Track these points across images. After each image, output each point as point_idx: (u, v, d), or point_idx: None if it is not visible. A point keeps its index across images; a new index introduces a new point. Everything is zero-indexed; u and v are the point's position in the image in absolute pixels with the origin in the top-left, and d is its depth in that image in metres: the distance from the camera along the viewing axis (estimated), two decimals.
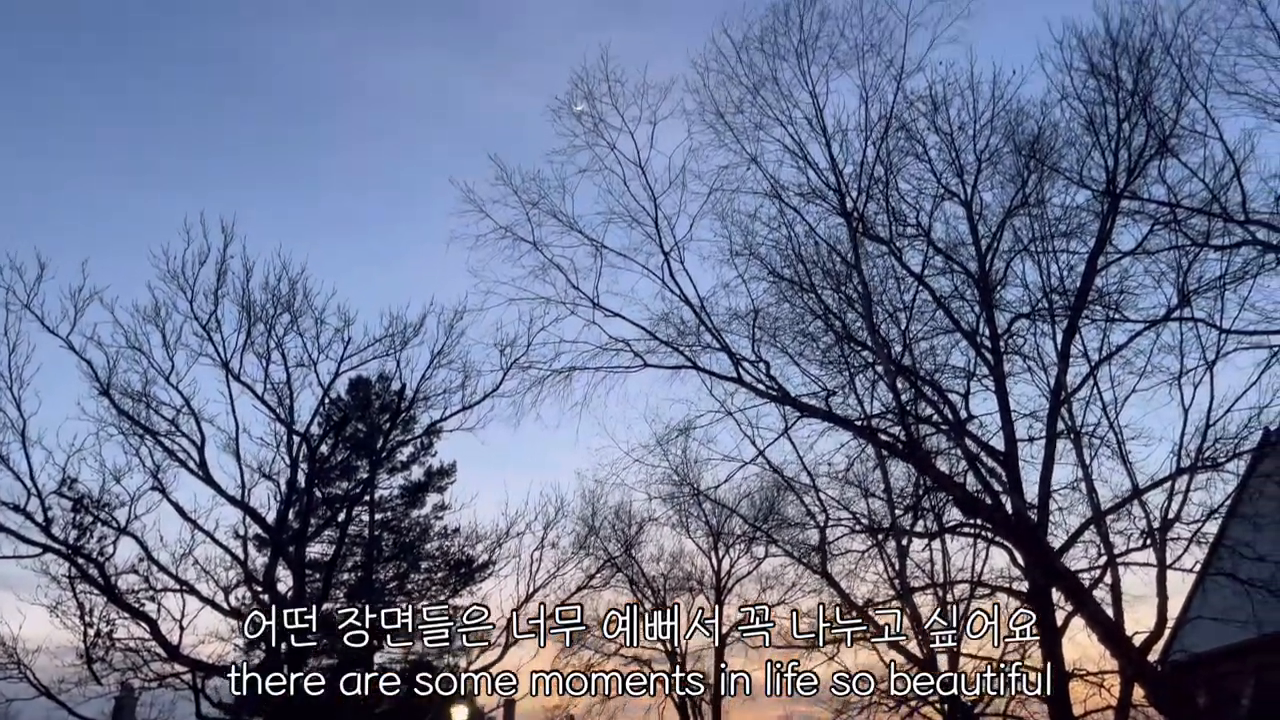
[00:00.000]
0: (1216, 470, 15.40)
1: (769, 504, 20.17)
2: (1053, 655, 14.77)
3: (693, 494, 21.28)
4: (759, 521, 20.45)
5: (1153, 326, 15.70)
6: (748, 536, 21.80)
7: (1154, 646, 14.83)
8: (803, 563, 19.89)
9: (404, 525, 28.89)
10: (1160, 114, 15.07)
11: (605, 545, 28.47)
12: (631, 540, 28.01)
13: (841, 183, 16.47)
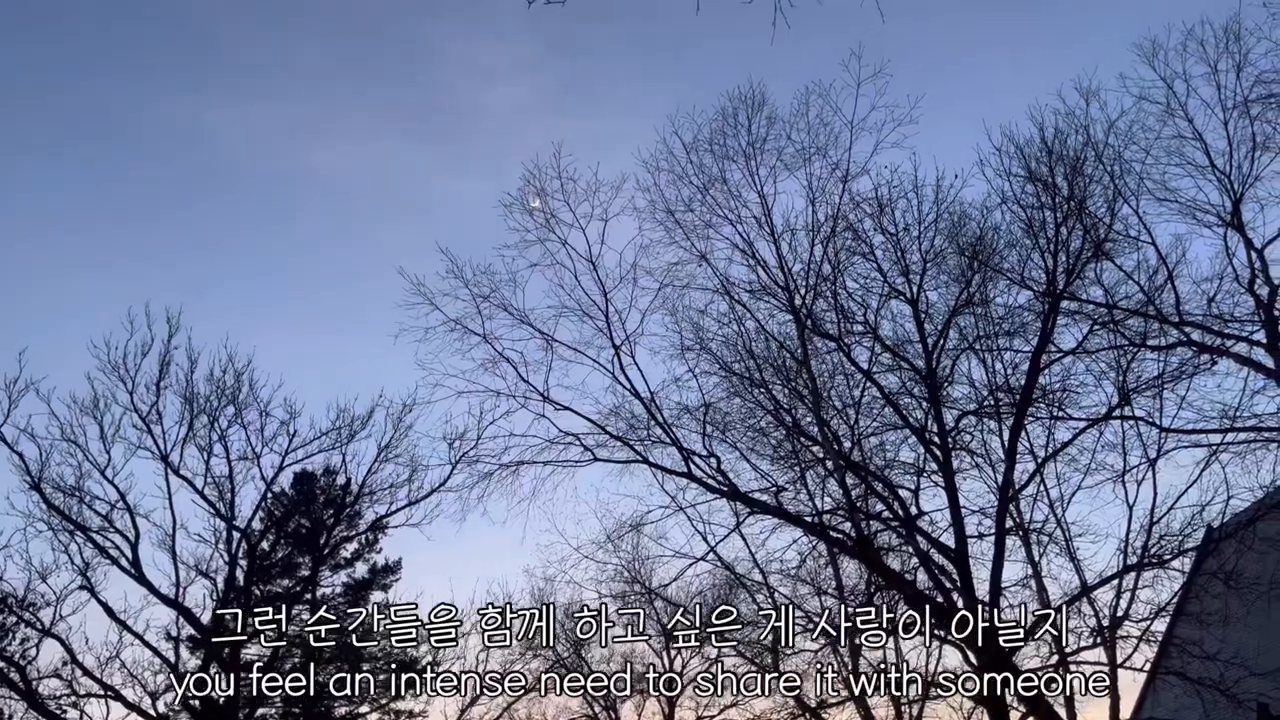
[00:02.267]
0: (1163, 568, 15.55)
1: (721, 602, 19.85)
2: None
3: (644, 592, 20.90)
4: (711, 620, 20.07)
5: (1095, 424, 16.00)
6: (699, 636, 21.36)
7: None
8: (754, 663, 19.50)
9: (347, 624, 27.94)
10: (1095, 219, 15.66)
11: (554, 646, 27.74)
12: (581, 640, 27.30)
13: (790, 280, 16.78)
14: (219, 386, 19.08)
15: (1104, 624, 15.19)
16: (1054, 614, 15.31)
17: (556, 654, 27.18)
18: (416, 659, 26.07)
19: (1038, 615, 15.82)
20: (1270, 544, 14.99)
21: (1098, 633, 15.21)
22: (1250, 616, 15.82)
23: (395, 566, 28.28)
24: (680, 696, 26.75)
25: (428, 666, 26.28)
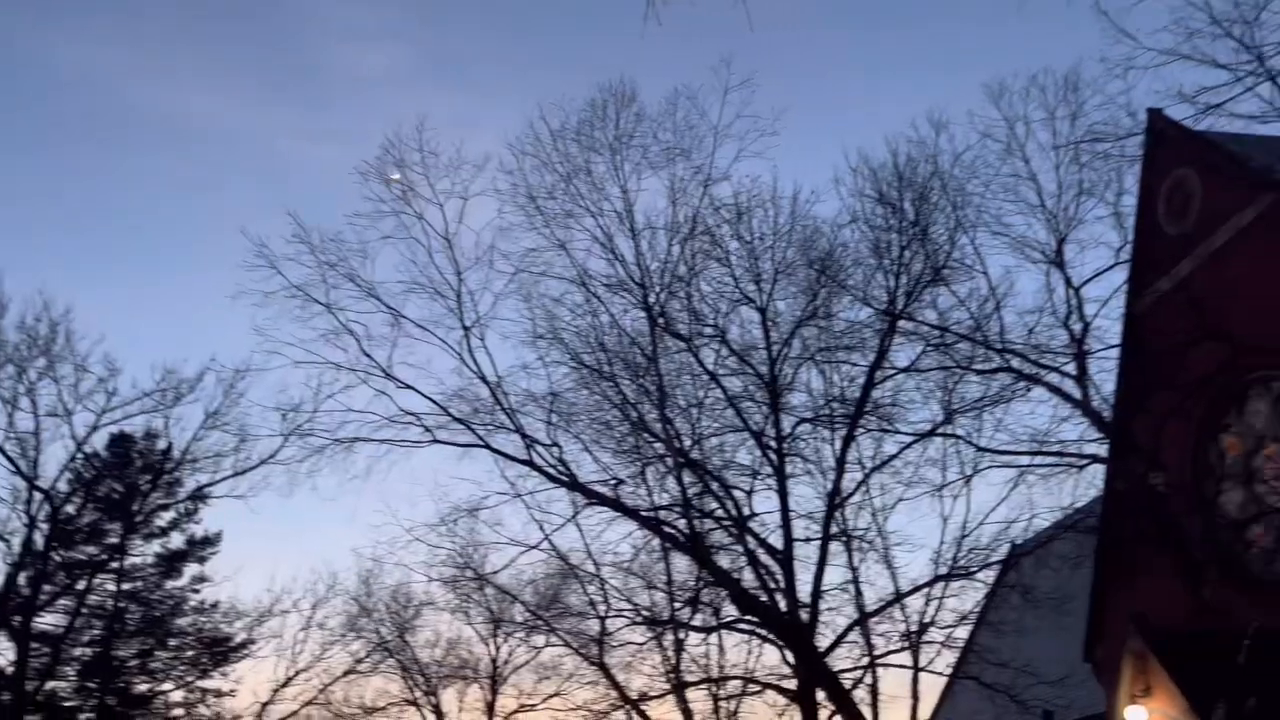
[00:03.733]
0: (969, 579, 16.50)
1: (553, 592, 19.89)
2: None
3: (475, 578, 20.70)
4: (541, 609, 20.08)
5: (920, 440, 16.82)
6: (528, 625, 21.33)
7: None
8: (580, 653, 19.61)
9: (155, 597, 26.44)
10: (936, 245, 16.51)
11: (378, 628, 27.13)
12: (406, 624, 26.81)
13: (646, 278, 16.95)
14: (30, 335, 17.70)
15: (912, 630, 16.02)
16: (867, 618, 16.06)
17: (380, 636, 26.63)
18: (229, 636, 24.99)
19: (853, 618, 16.64)
20: (1064, 561, 16.14)
21: (906, 637, 16.02)
22: (1042, 628, 17.00)
23: (214, 539, 26.98)
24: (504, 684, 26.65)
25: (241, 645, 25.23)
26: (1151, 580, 14.56)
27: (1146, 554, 13.89)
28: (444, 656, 27.55)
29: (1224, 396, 15.25)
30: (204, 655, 25.33)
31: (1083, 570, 16.80)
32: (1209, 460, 15.78)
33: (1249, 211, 14.74)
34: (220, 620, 25.51)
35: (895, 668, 16.49)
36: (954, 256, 16.17)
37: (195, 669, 25.15)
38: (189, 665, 25.30)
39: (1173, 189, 16.37)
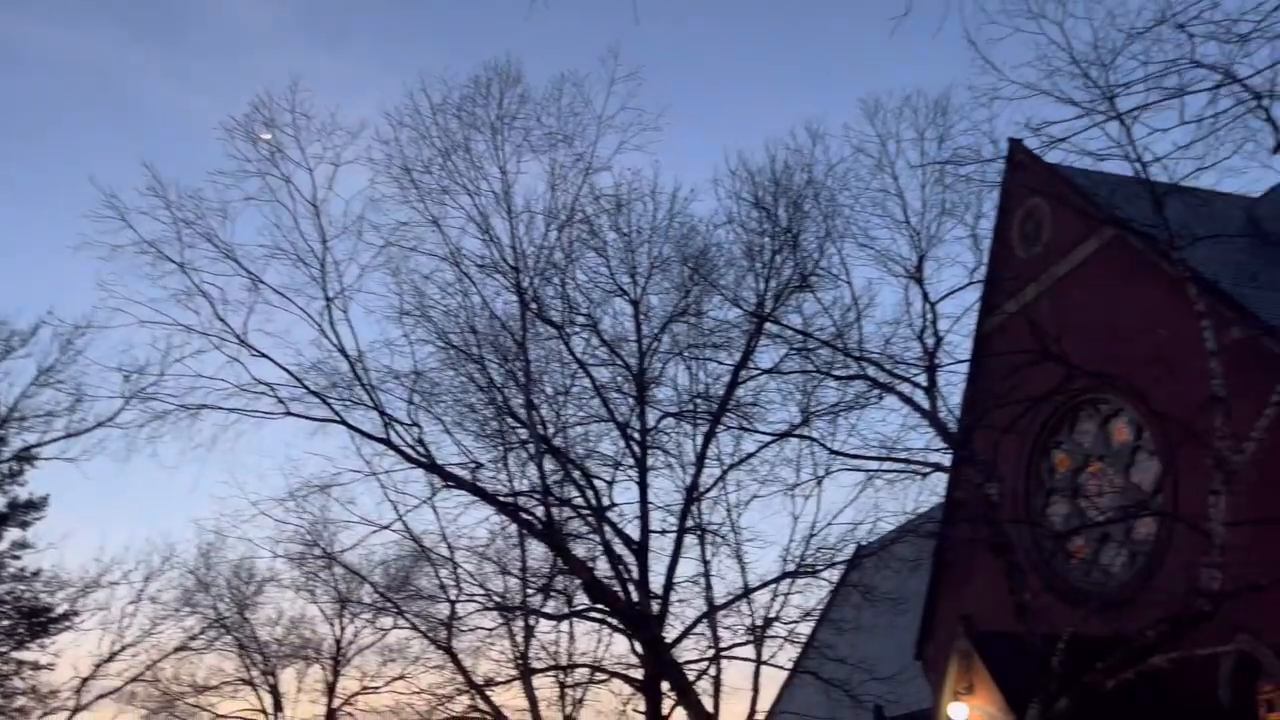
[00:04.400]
0: (814, 576, 17.04)
1: (404, 574, 19.52)
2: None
3: (323, 556, 20.13)
4: (391, 591, 19.69)
5: (778, 440, 17.26)
6: (376, 606, 20.88)
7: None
8: (428, 637, 19.33)
9: None
10: (806, 253, 16.95)
11: (216, 604, 26.08)
12: (247, 600, 25.85)
13: (521, 262, 16.81)
14: None
15: (757, 624, 16.46)
16: (716, 611, 16.41)
17: (217, 612, 25.59)
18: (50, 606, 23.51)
19: (702, 611, 16.98)
20: (904, 563, 16.90)
21: (751, 631, 16.45)
22: (879, 626, 17.76)
23: (40, 503, 25.25)
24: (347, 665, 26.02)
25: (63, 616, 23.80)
26: (981, 585, 15.41)
27: (978, 560, 14.67)
28: (285, 636, 26.73)
29: (1057, 416, 16.29)
30: (21, 625, 23.73)
31: (920, 573, 17.64)
32: (1040, 474, 16.83)
33: (1091, 243, 15.78)
34: (41, 589, 23.96)
35: (739, 660, 16.92)
36: (822, 265, 16.64)
37: (11, 639, 23.54)
38: (4, 635, 23.68)
39: (1026, 217, 17.36)
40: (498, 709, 17.21)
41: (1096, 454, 15.98)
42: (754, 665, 16.19)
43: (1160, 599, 11.71)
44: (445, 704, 18.66)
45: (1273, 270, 14.58)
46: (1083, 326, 15.00)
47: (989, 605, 14.56)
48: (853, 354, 14.27)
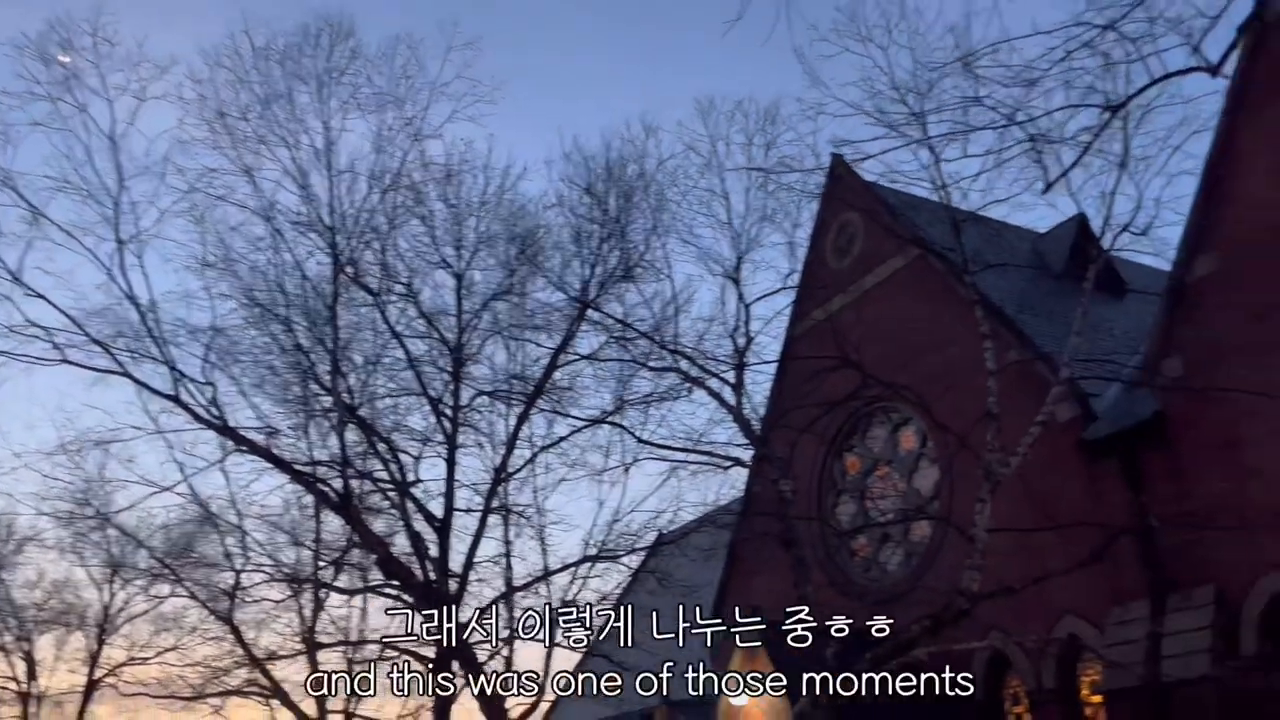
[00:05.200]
0: (615, 561, 17.32)
1: (186, 540, 18.46)
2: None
3: (96, 516, 18.75)
4: (170, 557, 18.57)
5: (590, 426, 17.42)
6: (152, 572, 19.64)
7: (530, 718, 15.95)
8: (208, 607, 18.38)
9: None
10: (632, 244, 17.15)
11: None
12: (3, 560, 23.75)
13: (339, 223, 16.20)
14: None
15: (554, 606, 16.58)
16: (514, 592, 16.42)
17: None
18: None
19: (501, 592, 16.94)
20: (701, 552, 17.43)
21: (548, 613, 16.53)
22: (671, 613, 18.22)
23: None
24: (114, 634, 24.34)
25: None
26: (770, 577, 16.11)
27: (769, 553, 15.31)
28: (45, 600, 24.75)
29: (852, 421, 17.22)
30: None
31: (715, 562, 18.25)
32: (833, 475, 17.74)
33: (896, 260, 16.73)
34: None
35: (534, 641, 16.98)
36: (646, 257, 16.90)
37: None
38: None
39: (840, 229, 18.21)
40: (278, 684, 16.59)
41: (885, 459, 16.99)
42: (547, 647, 16.29)
43: (929, 596, 12.59)
44: (221, 677, 17.82)
45: (1051, 301, 15.92)
46: (882, 338, 15.89)
47: (776, 596, 15.23)
48: (668, 347, 14.58)
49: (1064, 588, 12.36)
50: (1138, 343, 13.99)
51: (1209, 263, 12.15)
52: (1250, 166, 11.90)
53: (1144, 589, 11.91)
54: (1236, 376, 10.78)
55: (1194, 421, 11.82)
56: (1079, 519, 11.45)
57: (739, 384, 13.54)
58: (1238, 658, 10.62)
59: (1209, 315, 11.85)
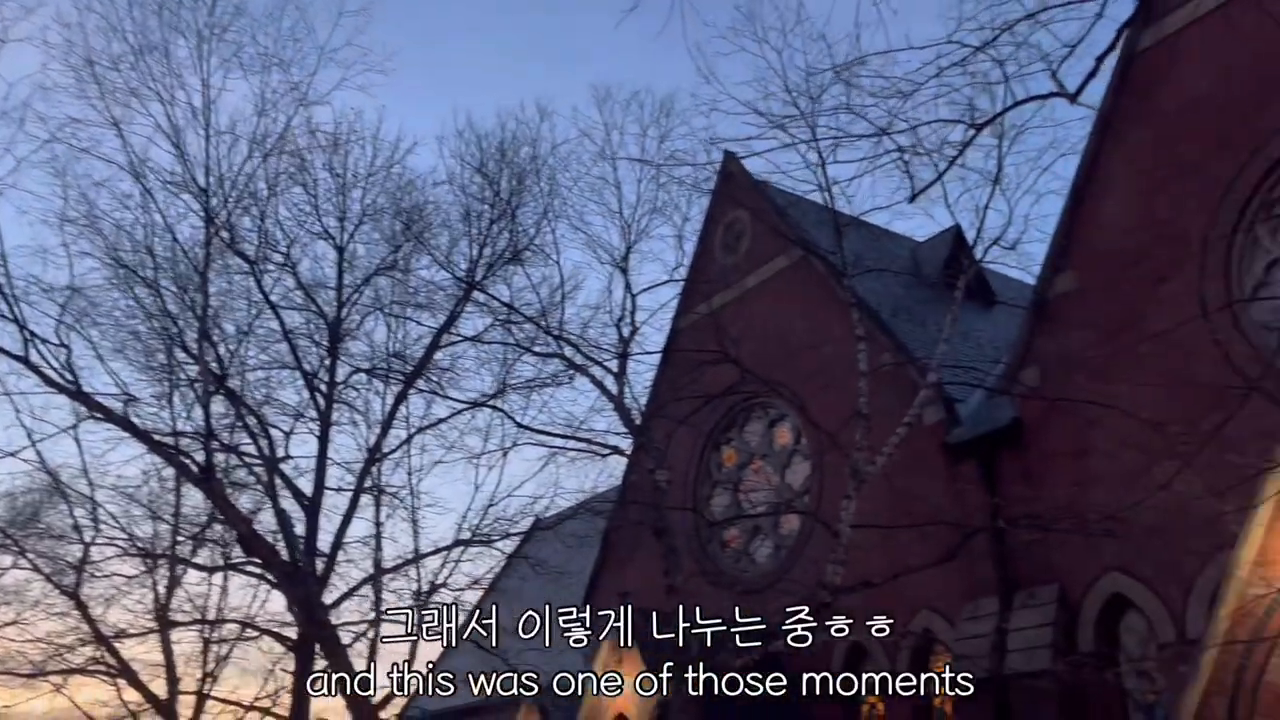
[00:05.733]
0: (489, 546, 17.18)
1: (32, 509, 17.44)
2: (299, 702, 14.86)
3: None
4: (13, 526, 17.51)
5: (470, 409, 17.22)
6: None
7: (391, 703, 15.71)
8: (52, 581, 17.42)
9: None
10: (522, 228, 17.01)
11: None
12: None
13: (216, 186, 15.55)
14: None
15: (424, 589, 16.36)
16: (383, 574, 16.13)
17: None
18: None
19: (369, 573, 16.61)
20: (576, 539, 17.47)
21: (417, 596, 16.32)
22: (542, 598, 18.22)
23: None
24: None
25: None
26: (642, 565, 16.26)
27: (642, 542, 15.45)
28: None
29: (731, 415, 17.51)
30: None
31: (589, 550, 18.32)
32: (710, 467, 18.01)
33: (781, 260, 17.07)
34: None
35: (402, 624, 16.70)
36: (536, 241, 16.78)
37: None
38: None
39: (729, 226, 18.47)
40: (125, 663, 15.87)
41: (760, 453, 17.34)
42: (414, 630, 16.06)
43: (795, 589, 12.92)
44: (64, 654, 16.94)
45: (924, 308, 16.50)
46: (763, 335, 16.20)
47: (646, 585, 15.39)
48: (553, 333, 14.52)
49: (922, 583, 12.88)
50: (1002, 352, 14.65)
51: (1069, 280, 12.80)
52: (1112, 191, 12.58)
53: (994, 586, 12.49)
54: (1086, 389, 11.40)
55: (1047, 429, 12.46)
56: (939, 518, 11.93)
57: (622, 373, 13.59)
58: (1076, 653, 11.25)
59: (1066, 330, 12.49)
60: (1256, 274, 11.15)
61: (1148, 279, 11.84)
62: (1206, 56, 11.81)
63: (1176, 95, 12.09)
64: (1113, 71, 12.79)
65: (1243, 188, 11.20)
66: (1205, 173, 11.52)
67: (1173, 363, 11.03)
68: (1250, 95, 11.15)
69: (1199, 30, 11.93)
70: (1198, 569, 10.42)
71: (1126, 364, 11.48)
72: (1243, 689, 8.49)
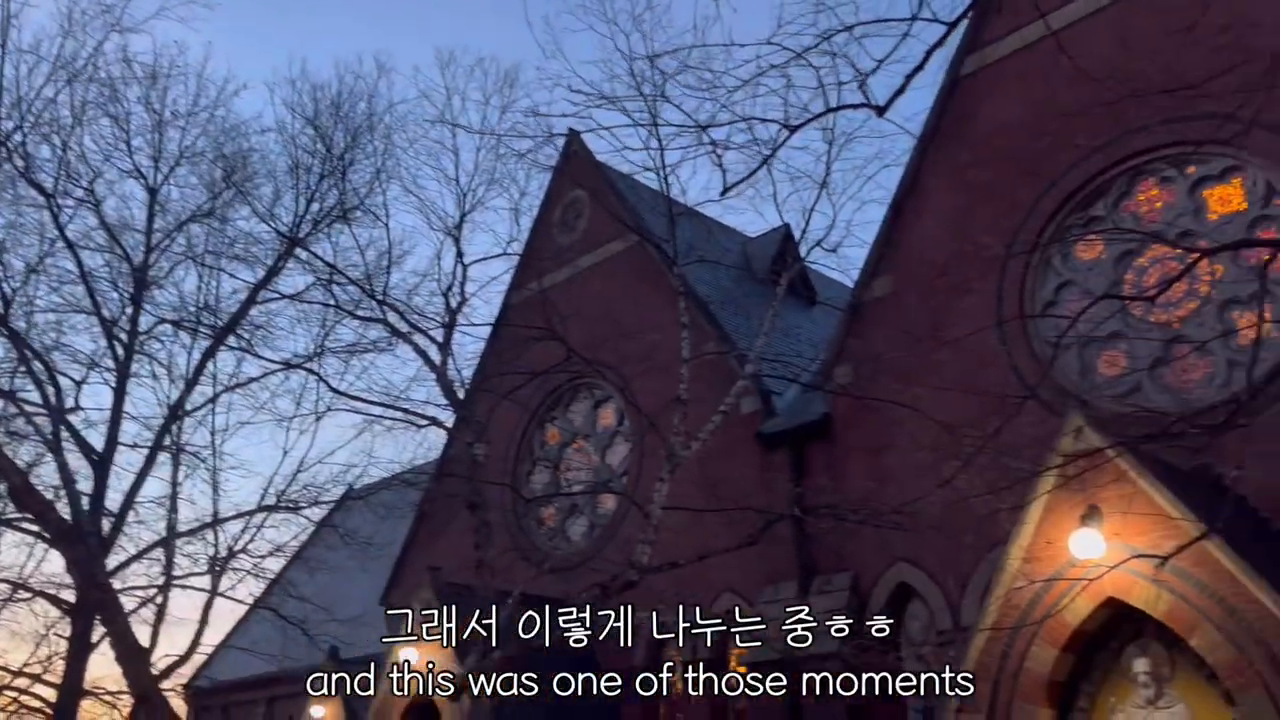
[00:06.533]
0: (295, 513, 16.53)
1: None
2: (73, 669, 13.91)
3: None
4: None
5: (284, 370, 16.49)
6: None
7: (178, 670, 14.97)
8: None
9: None
10: (353, 187, 16.38)
11: None
12: None
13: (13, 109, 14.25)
14: None
15: (221, 555, 15.61)
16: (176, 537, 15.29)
17: None
18: None
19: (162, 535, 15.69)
20: (389, 510, 17.07)
21: (213, 561, 15.55)
22: (350, 569, 17.77)
23: None
24: None
25: None
26: (454, 538, 16.08)
27: (458, 516, 15.25)
28: None
29: (558, 394, 17.53)
30: None
31: (401, 521, 17.96)
32: (532, 445, 17.98)
33: (617, 244, 17.20)
34: None
35: (195, 590, 15.93)
36: (367, 202, 16.21)
37: None
38: None
39: (569, 205, 18.45)
40: None
41: (584, 433, 17.46)
42: (208, 596, 15.33)
43: (606, 567, 13.09)
44: None
45: (751, 302, 17.01)
46: (593, 317, 16.27)
47: (459, 558, 15.23)
48: (377, 297, 14.07)
49: (728, 566, 13.32)
50: (820, 350, 15.29)
51: (884, 285, 13.48)
52: (929, 205, 13.32)
53: (794, 572, 13.06)
54: (890, 390, 12.05)
55: (854, 425, 13.11)
56: (747, 504, 12.35)
57: (447, 343, 13.33)
58: (863, 638, 11.90)
59: (877, 333, 13.16)
60: (1047, 293, 12.07)
61: (954, 290, 12.61)
62: (1020, 89, 12.66)
63: (991, 121, 12.91)
64: (937, 93, 13.53)
65: (1041, 214, 12.09)
66: (1010, 197, 12.36)
67: (967, 369, 11.81)
68: (1054, 130, 12.04)
69: (1015, 63, 12.78)
70: (974, 563, 11.23)
71: (927, 368, 12.20)
72: (1005, 674, 9.20)
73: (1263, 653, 7.83)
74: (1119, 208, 11.73)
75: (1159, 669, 8.76)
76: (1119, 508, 8.56)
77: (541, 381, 15.38)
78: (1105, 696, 9.07)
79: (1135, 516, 8.44)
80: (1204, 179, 11.23)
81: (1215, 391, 10.36)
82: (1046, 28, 11.31)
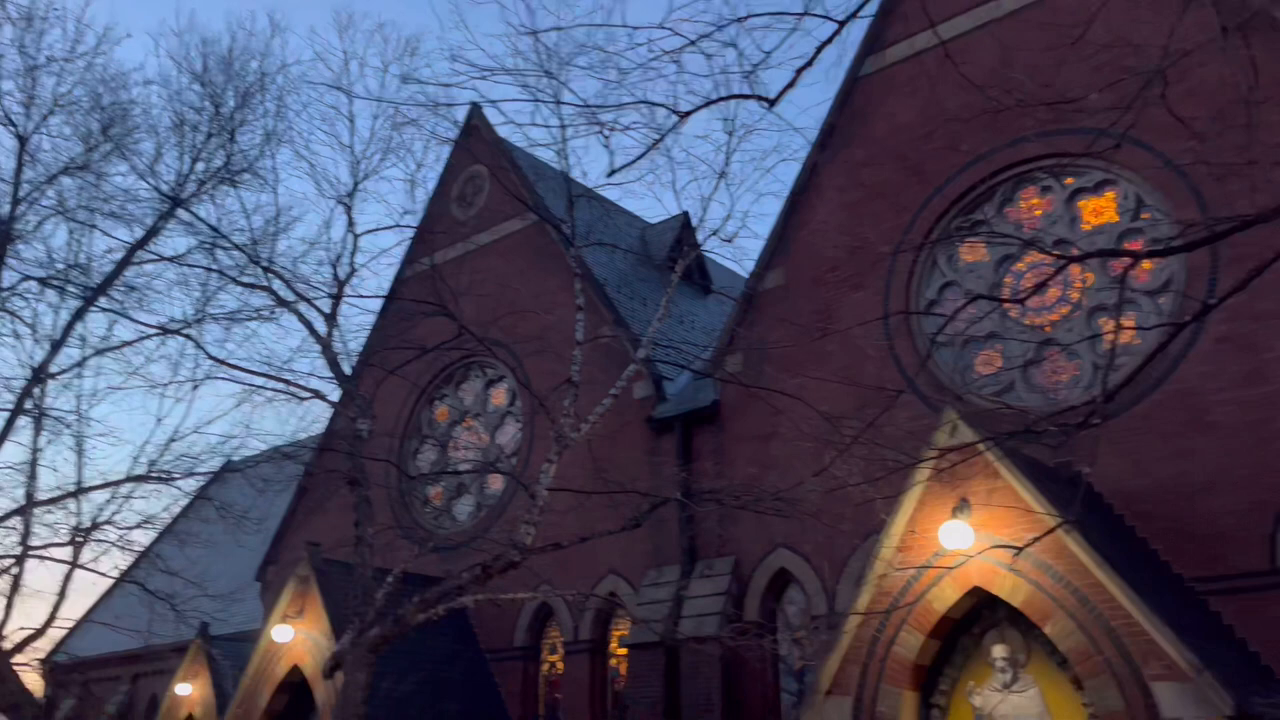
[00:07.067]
0: (167, 484, 15.85)
1: None
2: None
3: None
4: None
5: (161, 335, 15.77)
6: None
7: (34, 644, 14.22)
8: None
9: None
10: (242, 149, 15.74)
11: None
12: None
13: None
14: None
15: (84, 525, 14.87)
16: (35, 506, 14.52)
17: None
18: None
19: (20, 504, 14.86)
20: (267, 484, 16.52)
21: (75, 532, 14.80)
22: (224, 543, 17.19)
23: None
24: None
25: None
26: (335, 515, 15.74)
27: (337, 491, 14.92)
28: None
29: (448, 371, 17.29)
30: None
31: (280, 495, 17.44)
32: (419, 422, 17.70)
33: (515, 222, 17.04)
34: None
35: (53, 561, 15.13)
36: (255, 164, 15.60)
37: None
38: None
39: (468, 180, 18.17)
40: None
41: (474, 412, 17.27)
42: (68, 568, 14.59)
43: (491, 548, 12.99)
44: None
45: (647, 287, 17.09)
46: (489, 295, 16.10)
47: (337, 535, 14.91)
48: (262, 264, 13.59)
49: (613, 549, 13.41)
50: (713, 338, 15.47)
51: (777, 277, 13.72)
52: (824, 201, 13.59)
53: (678, 556, 13.22)
54: (778, 380, 12.28)
55: (742, 413, 13.32)
56: (634, 488, 12.43)
57: (333, 314, 12.97)
58: (741, 622, 12.14)
59: (769, 323, 13.39)
60: (932, 293, 12.47)
61: (843, 285, 12.92)
62: (913, 93, 13.01)
63: (886, 122, 13.24)
64: (837, 92, 13.80)
65: (928, 216, 12.48)
66: (900, 198, 12.72)
67: (852, 362, 12.13)
68: (943, 135, 12.42)
69: (910, 68, 13.12)
70: (850, 550, 11.57)
71: (815, 359, 12.48)
72: (874, 658, 9.52)
73: (1110, 641, 8.30)
74: (1002, 213, 12.20)
75: (1015, 654, 9.20)
76: (986, 500, 8.94)
77: (432, 359, 15.15)
78: (965, 680, 9.48)
79: (1001, 509, 8.83)
80: (1080, 190, 11.77)
81: (1080, 393, 10.90)
82: (936, 37, 11.65)
